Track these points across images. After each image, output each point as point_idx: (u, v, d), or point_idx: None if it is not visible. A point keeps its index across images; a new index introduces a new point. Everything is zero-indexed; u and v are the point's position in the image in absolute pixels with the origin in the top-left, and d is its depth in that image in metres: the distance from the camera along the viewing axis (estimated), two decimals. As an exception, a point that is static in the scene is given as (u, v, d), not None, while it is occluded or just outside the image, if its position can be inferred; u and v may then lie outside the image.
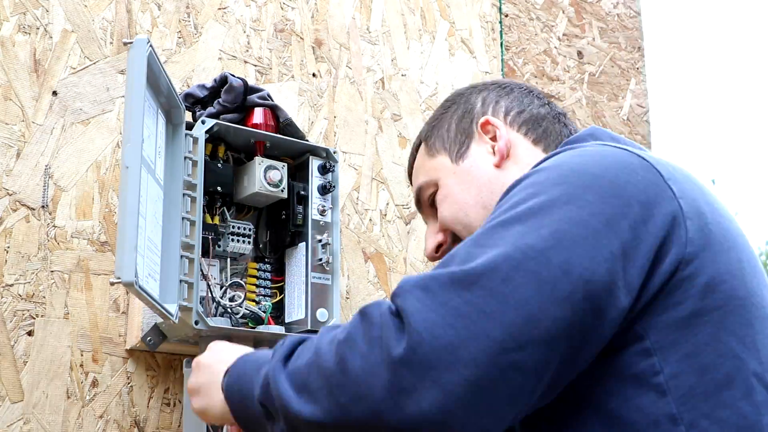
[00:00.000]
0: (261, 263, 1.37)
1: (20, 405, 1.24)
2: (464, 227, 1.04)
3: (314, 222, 1.36)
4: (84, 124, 1.39)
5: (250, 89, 1.36)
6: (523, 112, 1.08)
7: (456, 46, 1.93)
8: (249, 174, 1.33)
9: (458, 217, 1.04)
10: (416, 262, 1.72)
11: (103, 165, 1.39)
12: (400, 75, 1.82)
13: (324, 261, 1.34)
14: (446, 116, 1.11)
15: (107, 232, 1.37)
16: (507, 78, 1.14)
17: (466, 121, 1.08)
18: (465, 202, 1.04)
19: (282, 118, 1.38)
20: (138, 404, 1.34)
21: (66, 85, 1.38)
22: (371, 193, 1.70)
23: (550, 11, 2.17)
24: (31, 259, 1.29)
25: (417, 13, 1.88)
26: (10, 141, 1.31)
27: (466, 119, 1.08)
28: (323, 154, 1.39)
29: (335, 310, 1.34)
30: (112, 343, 1.34)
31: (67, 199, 1.34)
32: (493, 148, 1.05)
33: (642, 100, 2.32)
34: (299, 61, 1.66)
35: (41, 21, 1.38)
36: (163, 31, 1.51)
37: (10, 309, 1.26)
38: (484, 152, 1.05)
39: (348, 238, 1.63)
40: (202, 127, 1.28)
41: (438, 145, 1.09)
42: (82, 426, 1.28)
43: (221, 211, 1.32)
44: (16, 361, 1.25)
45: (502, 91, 1.10)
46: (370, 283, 1.65)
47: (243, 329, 1.28)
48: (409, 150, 1.79)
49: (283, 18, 1.67)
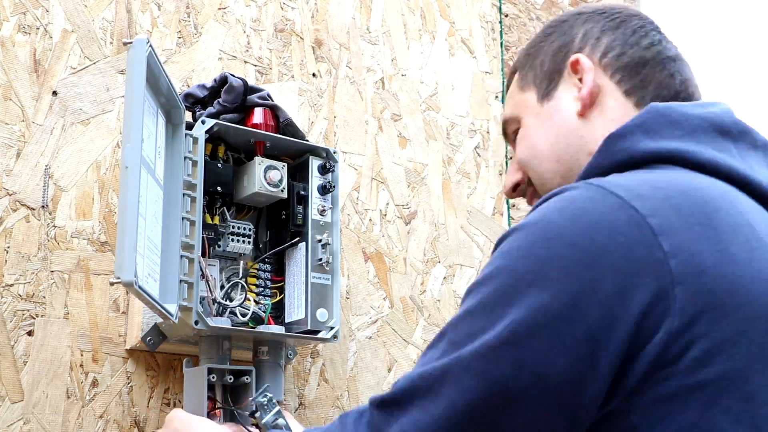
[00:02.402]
0: (261, 263, 1.37)
1: (20, 405, 1.24)
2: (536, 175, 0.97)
3: (314, 222, 1.36)
4: (84, 124, 1.39)
5: (250, 89, 1.36)
6: (624, 54, 0.94)
7: (456, 46, 1.93)
8: (249, 174, 1.33)
9: (531, 164, 0.96)
10: (416, 262, 1.72)
11: (103, 165, 1.39)
12: (400, 75, 1.82)
13: (324, 261, 1.34)
14: (544, 46, 1.00)
15: (107, 232, 1.37)
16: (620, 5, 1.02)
17: (560, 55, 0.97)
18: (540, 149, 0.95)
19: (282, 118, 1.38)
20: (138, 404, 1.34)
21: (66, 85, 1.38)
22: (371, 193, 1.70)
23: (550, 11, 2.17)
24: (31, 259, 1.29)
25: (417, 13, 1.88)
26: (10, 141, 1.31)
27: (561, 53, 0.97)
28: (323, 154, 1.39)
29: (335, 310, 1.34)
30: (112, 343, 1.34)
31: (67, 199, 1.34)
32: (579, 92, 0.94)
33: (642, 100, 2.32)
34: (299, 61, 1.67)
35: (41, 21, 1.38)
36: (163, 31, 1.51)
37: (10, 309, 1.26)
38: (570, 96, 0.95)
39: (348, 238, 1.63)
40: (202, 127, 1.28)
41: (529, 78, 0.99)
42: (82, 426, 1.28)
43: (221, 211, 1.32)
44: (16, 361, 1.25)
45: (608, 24, 0.96)
46: (370, 283, 1.65)
47: (243, 329, 1.28)
48: (409, 150, 1.79)
49: (283, 18, 1.67)
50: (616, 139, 0.84)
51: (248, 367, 1.26)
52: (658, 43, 0.95)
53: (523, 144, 0.98)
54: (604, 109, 0.92)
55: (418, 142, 1.81)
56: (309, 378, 1.52)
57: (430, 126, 1.84)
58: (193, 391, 1.25)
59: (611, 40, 0.95)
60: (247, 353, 1.35)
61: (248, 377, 1.25)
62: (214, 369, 1.24)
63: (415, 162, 1.79)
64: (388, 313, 1.65)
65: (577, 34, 0.97)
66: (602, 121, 0.92)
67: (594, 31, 0.96)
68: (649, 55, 0.94)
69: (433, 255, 1.76)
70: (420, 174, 1.79)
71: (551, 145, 0.94)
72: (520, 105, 1.00)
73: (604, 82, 0.93)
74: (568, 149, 0.93)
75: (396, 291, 1.68)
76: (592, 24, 0.97)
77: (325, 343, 1.39)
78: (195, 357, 1.30)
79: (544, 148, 0.95)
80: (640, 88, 0.93)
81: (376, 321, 1.63)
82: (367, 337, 1.61)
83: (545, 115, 0.96)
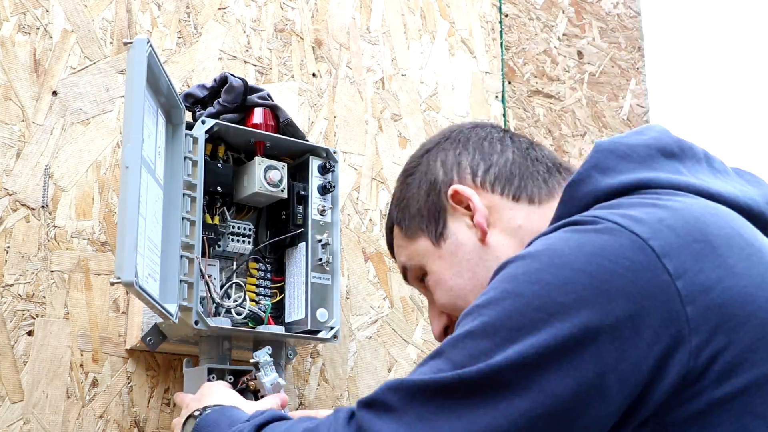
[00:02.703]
0: (261, 263, 1.37)
1: (20, 405, 1.24)
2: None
3: (314, 222, 1.36)
4: (84, 124, 1.39)
5: (250, 89, 1.36)
6: (491, 167, 0.96)
7: (456, 46, 1.93)
8: (249, 174, 1.33)
9: (456, 304, 0.95)
10: (416, 262, 1.72)
11: (103, 165, 1.39)
12: (400, 75, 1.82)
13: (324, 261, 1.34)
14: (412, 194, 1.00)
15: (107, 232, 1.37)
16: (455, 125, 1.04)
17: (433, 195, 0.97)
18: (460, 287, 0.95)
19: (282, 118, 1.38)
20: (138, 404, 1.34)
21: (66, 85, 1.38)
22: (371, 193, 1.70)
23: (550, 11, 2.17)
24: (31, 259, 1.29)
25: (417, 13, 1.88)
26: (10, 141, 1.31)
27: (433, 194, 0.97)
28: (323, 154, 1.39)
29: (335, 310, 1.34)
30: (112, 343, 1.34)
31: (67, 199, 1.34)
32: (472, 220, 0.94)
33: (642, 100, 2.32)
34: (299, 61, 1.67)
35: (41, 21, 1.38)
36: (163, 31, 1.51)
37: (10, 309, 1.26)
38: (464, 227, 0.95)
39: (348, 238, 1.63)
40: (202, 127, 1.28)
41: (414, 228, 0.99)
42: (82, 426, 1.28)
43: (221, 211, 1.32)
44: (16, 361, 1.25)
45: (458, 146, 0.98)
46: (370, 283, 1.65)
47: (243, 329, 1.28)
48: (410, 150, 1.79)
49: (283, 18, 1.67)
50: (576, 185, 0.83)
51: (248, 367, 1.26)
52: (510, 143, 0.98)
53: (440, 288, 0.97)
54: (503, 223, 0.93)
55: (418, 142, 1.81)
56: (309, 378, 1.52)
57: (430, 126, 1.84)
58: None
59: (470, 159, 0.96)
60: (247, 353, 1.34)
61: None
62: (214, 369, 1.24)
63: (415, 162, 1.79)
64: (388, 313, 1.65)
65: (437, 170, 0.98)
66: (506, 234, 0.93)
67: (450, 158, 0.97)
68: (511, 157, 0.96)
69: (433, 255, 1.76)
70: (420, 174, 1.79)
71: (469, 278, 0.94)
72: (416, 255, 0.99)
73: (488, 200, 0.94)
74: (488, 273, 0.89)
75: (396, 291, 1.68)
76: (444, 154, 0.98)
77: (325, 343, 1.39)
78: (195, 357, 1.30)
79: (463, 285, 0.94)
80: (524, 189, 0.94)
81: (376, 321, 1.63)
82: (367, 337, 1.61)
83: (448, 255, 0.95)
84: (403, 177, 1.03)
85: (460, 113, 1.89)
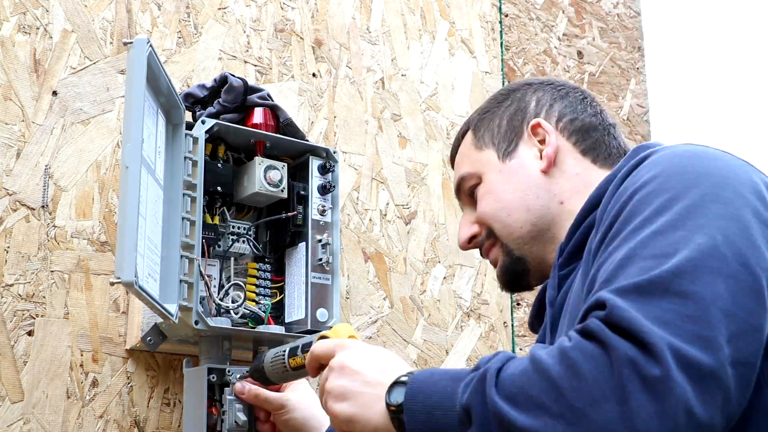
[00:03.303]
0: (261, 263, 1.37)
1: (20, 405, 1.24)
2: (504, 226, 1.05)
3: (314, 222, 1.36)
4: (84, 124, 1.39)
5: (250, 89, 1.36)
6: (576, 120, 1.07)
7: (456, 46, 1.93)
8: (249, 174, 1.33)
9: (499, 216, 1.05)
10: (416, 262, 1.72)
11: (103, 165, 1.39)
12: (400, 75, 1.82)
13: (324, 261, 1.34)
14: (498, 110, 1.10)
15: (107, 232, 1.37)
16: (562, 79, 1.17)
17: (517, 119, 1.08)
18: (508, 201, 1.05)
19: (282, 118, 1.38)
20: (138, 404, 1.34)
21: (66, 85, 1.38)
22: (371, 193, 1.70)
23: (550, 11, 2.17)
24: (31, 259, 1.29)
25: (417, 13, 1.88)
26: (10, 141, 1.31)
27: (518, 117, 1.08)
28: (323, 154, 1.39)
29: (335, 310, 1.34)
30: (112, 343, 1.34)
31: (67, 199, 1.34)
32: (540, 152, 1.05)
33: (642, 100, 2.32)
34: (299, 61, 1.67)
35: (41, 21, 1.38)
36: (163, 31, 1.51)
37: (10, 309, 1.26)
38: (531, 155, 1.06)
39: (348, 238, 1.63)
40: (202, 127, 1.28)
41: (486, 139, 1.09)
42: (82, 426, 1.28)
43: (221, 211, 1.32)
44: (16, 361, 1.25)
45: (557, 93, 1.10)
46: (370, 283, 1.65)
47: (243, 329, 1.28)
48: (409, 150, 1.79)
49: (283, 18, 1.67)
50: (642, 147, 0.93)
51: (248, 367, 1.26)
52: (600, 113, 1.10)
53: (489, 198, 1.07)
54: (564, 166, 1.05)
55: (418, 142, 1.81)
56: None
57: (430, 126, 1.84)
58: (193, 391, 1.25)
59: (562, 107, 1.08)
60: (247, 353, 1.35)
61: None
62: (214, 369, 1.24)
63: (415, 162, 1.79)
64: (388, 313, 1.65)
65: (530, 101, 1.09)
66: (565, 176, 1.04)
67: (546, 98, 1.09)
68: (596, 122, 1.08)
69: (433, 255, 1.76)
70: (420, 174, 1.79)
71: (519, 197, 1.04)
72: (479, 162, 1.09)
73: (561, 143, 1.06)
74: (537, 201, 1.03)
75: (396, 291, 1.68)
76: (543, 93, 1.10)
77: (325, 343, 1.39)
78: (195, 357, 1.30)
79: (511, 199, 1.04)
80: (593, 149, 1.06)
81: (376, 321, 1.63)
82: (367, 337, 1.61)
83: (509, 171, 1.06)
84: (497, 96, 1.13)
85: (460, 113, 1.89)
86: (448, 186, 1.82)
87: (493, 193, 1.06)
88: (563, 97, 1.09)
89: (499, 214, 1.05)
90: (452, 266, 1.77)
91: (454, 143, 1.16)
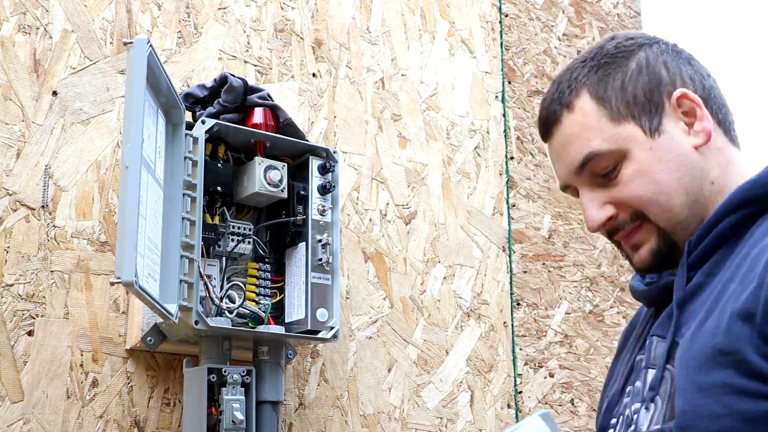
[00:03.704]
0: (261, 263, 1.37)
1: (20, 405, 1.24)
2: (662, 211, 0.94)
3: (314, 222, 1.36)
4: (84, 124, 1.39)
5: (250, 89, 1.36)
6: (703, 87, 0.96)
7: (456, 46, 1.93)
8: (249, 174, 1.33)
9: (658, 200, 0.93)
10: (416, 262, 1.72)
11: (103, 165, 1.39)
12: (400, 75, 1.82)
13: (324, 261, 1.34)
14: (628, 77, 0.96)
15: (107, 232, 1.37)
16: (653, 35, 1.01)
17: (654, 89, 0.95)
18: (667, 184, 0.93)
19: (282, 118, 1.38)
20: (138, 404, 1.34)
21: (66, 85, 1.38)
22: (371, 193, 1.70)
23: (550, 11, 2.17)
24: (31, 259, 1.29)
25: (417, 13, 1.88)
26: (10, 141, 1.31)
27: (654, 88, 0.95)
28: (323, 154, 1.39)
29: (335, 310, 1.34)
30: (112, 343, 1.34)
31: (67, 199, 1.34)
32: (689, 127, 0.94)
33: (642, 100, 2.32)
34: (299, 61, 1.67)
35: (41, 21, 1.38)
36: (163, 31, 1.51)
37: (10, 309, 1.26)
38: (679, 130, 0.94)
39: (348, 238, 1.63)
40: (202, 127, 1.28)
41: (623, 111, 0.95)
42: (82, 426, 1.28)
43: (221, 211, 1.32)
44: (16, 361, 1.25)
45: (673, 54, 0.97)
46: (370, 283, 1.65)
47: (243, 329, 1.28)
48: (409, 150, 1.79)
49: (283, 18, 1.67)
50: None
51: (248, 368, 1.26)
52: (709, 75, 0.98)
53: (642, 180, 0.94)
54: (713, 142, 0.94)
55: (418, 142, 1.81)
56: (309, 378, 1.52)
57: (430, 126, 1.84)
58: (193, 391, 1.25)
59: (691, 74, 0.96)
60: (247, 353, 1.35)
61: (248, 377, 1.25)
62: (214, 369, 1.24)
63: (415, 162, 1.79)
64: (388, 313, 1.65)
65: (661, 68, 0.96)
66: (712, 152, 0.94)
67: (672, 65, 0.96)
68: (713, 83, 0.97)
69: (433, 255, 1.76)
70: (420, 174, 1.79)
71: (678, 179, 0.93)
72: (620, 139, 0.95)
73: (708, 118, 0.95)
74: (693, 182, 0.93)
75: (396, 291, 1.68)
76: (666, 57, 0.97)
77: (325, 343, 1.39)
78: (195, 357, 1.30)
79: (670, 182, 0.93)
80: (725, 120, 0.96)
81: (376, 321, 1.63)
82: (367, 337, 1.61)
83: (661, 150, 0.94)
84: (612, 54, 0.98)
85: (460, 113, 1.89)
86: (447, 186, 1.82)
87: (646, 174, 0.93)
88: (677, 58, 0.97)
89: (657, 198, 0.93)
90: (452, 266, 1.77)
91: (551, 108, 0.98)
